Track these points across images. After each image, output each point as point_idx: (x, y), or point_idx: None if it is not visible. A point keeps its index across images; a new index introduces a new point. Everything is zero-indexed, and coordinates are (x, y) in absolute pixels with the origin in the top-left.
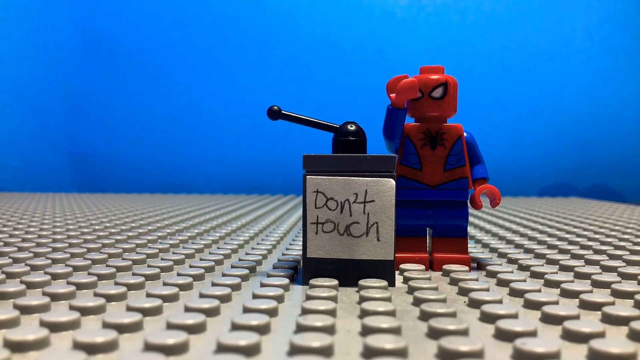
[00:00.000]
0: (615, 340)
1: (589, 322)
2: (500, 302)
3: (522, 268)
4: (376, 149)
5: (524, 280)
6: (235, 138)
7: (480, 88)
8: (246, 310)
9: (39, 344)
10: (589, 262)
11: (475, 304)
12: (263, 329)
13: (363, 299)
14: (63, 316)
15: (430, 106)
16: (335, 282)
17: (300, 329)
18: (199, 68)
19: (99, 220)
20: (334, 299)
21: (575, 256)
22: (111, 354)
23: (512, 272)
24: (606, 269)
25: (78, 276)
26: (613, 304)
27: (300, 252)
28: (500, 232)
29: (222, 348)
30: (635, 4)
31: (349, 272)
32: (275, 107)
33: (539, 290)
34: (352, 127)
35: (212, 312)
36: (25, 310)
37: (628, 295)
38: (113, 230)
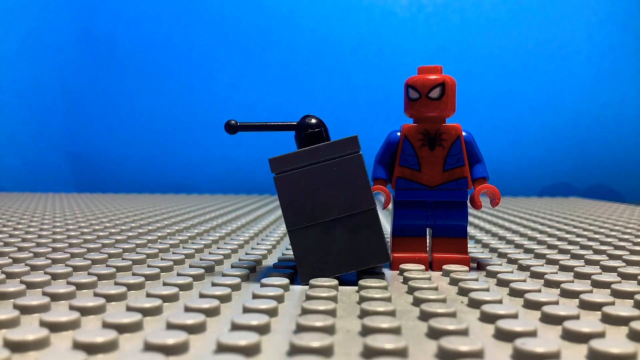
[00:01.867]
0: (615, 340)
1: (589, 322)
2: (500, 302)
3: (522, 268)
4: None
5: (524, 280)
6: (235, 138)
7: (480, 88)
8: (246, 310)
9: (39, 344)
10: (589, 262)
11: (475, 304)
12: (263, 329)
13: (363, 299)
14: (63, 316)
15: (428, 107)
16: (335, 282)
17: (300, 329)
18: (199, 68)
19: (99, 220)
20: (334, 299)
21: (575, 256)
22: (111, 354)
23: (512, 272)
24: (606, 269)
25: (78, 276)
26: (613, 304)
27: None
28: (500, 232)
29: (222, 348)
30: (635, 4)
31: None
32: (232, 122)
33: (539, 290)
34: (311, 120)
35: (212, 312)
36: (25, 310)
37: (628, 295)
38: (113, 230)
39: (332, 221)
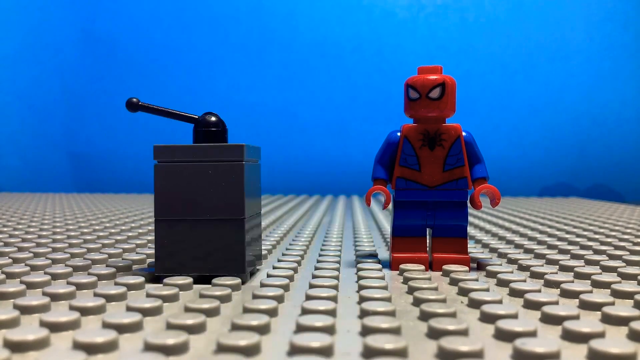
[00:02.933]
0: (615, 340)
1: (589, 322)
2: (500, 302)
3: (522, 268)
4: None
5: (524, 281)
6: (236, 138)
7: (480, 88)
8: (246, 310)
9: (39, 344)
10: (588, 262)
11: (475, 304)
12: (263, 329)
13: (363, 299)
14: (63, 316)
15: (428, 107)
16: (335, 282)
17: (300, 329)
18: (199, 68)
19: (99, 221)
20: (334, 299)
21: (575, 256)
22: (111, 354)
23: (512, 272)
24: (606, 269)
25: (78, 276)
26: (613, 304)
27: (301, 252)
28: (500, 232)
29: (222, 348)
30: (635, 4)
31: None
32: (134, 99)
33: (539, 291)
34: (211, 118)
35: (212, 312)
36: (25, 310)
37: (628, 295)
38: (113, 231)
39: (199, 221)
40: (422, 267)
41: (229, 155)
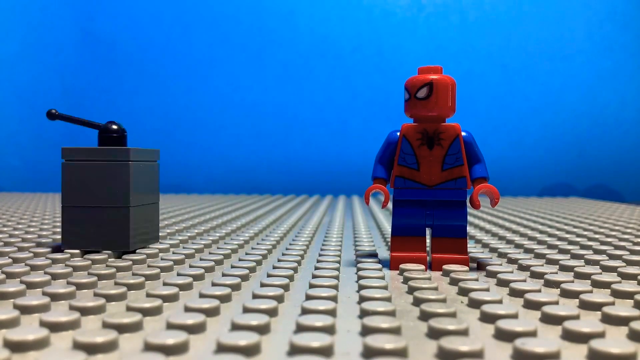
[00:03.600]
0: (615, 340)
1: (589, 322)
2: (500, 302)
3: (522, 268)
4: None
5: (524, 280)
6: (235, 138)
7: (480, 88)
8: (246, 310)
9: (39, 344)
10: (588, 262)
11: (475, 304)
12: (263, 329)
13: (363, 299)
14: (63, 316)
15: (416, 106)
16: (335, 282)
17: (300, 329)
18: (199, 68)
19: None
20: (334, 299)
21: (575, 256)
22: (111, 354)
23: (512, 272)
24: (606, 269)
25: (78, 276)
26: (613, 304)
27: (301, 252)
28: (500, 232)
29: (222, 348)
30: (635, 3)
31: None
32: (53, 110)
33: (539, 290)
34: (112, 126)
35: (212, 312)
36: (25, 310)
37: (628, 295)
38: None
39: (95, 208)
40: (422, 267)
41: (120, 157)
